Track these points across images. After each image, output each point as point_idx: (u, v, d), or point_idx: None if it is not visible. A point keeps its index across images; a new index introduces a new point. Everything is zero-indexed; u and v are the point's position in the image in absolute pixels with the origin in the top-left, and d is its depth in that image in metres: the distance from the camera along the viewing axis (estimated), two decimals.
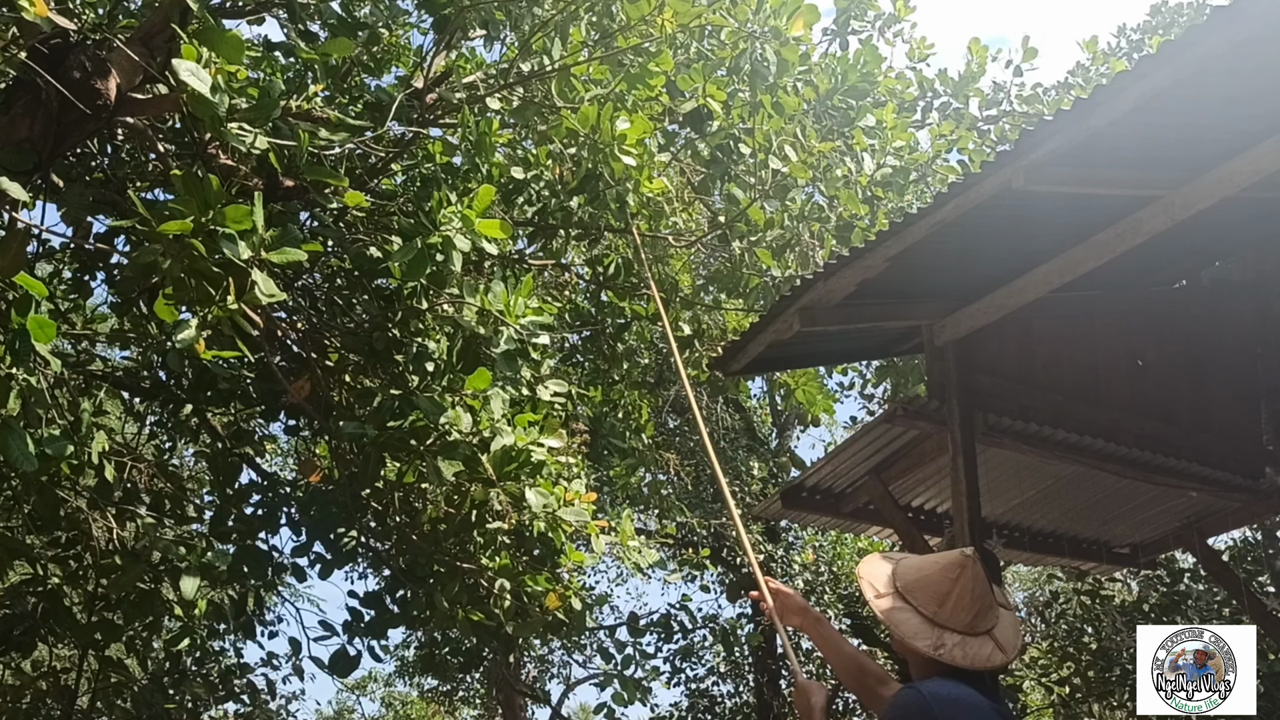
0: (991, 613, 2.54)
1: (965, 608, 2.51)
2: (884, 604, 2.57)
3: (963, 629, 2.50)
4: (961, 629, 2.50)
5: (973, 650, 2.48)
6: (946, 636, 2.48)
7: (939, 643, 2.47)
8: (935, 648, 2.47)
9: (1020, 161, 4.54)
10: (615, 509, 8.41)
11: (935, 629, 2.50)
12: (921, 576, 2.56)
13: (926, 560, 2.64)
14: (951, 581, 2.52)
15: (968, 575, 2.53)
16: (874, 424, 6.67)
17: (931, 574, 2.56)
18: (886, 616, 2.55)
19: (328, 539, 5.06)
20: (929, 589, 2.53)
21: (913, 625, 2.52)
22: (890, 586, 2.59)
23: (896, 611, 2.55)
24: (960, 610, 2.50)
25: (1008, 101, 8.64)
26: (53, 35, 3.78)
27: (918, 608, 2.53)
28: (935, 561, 2.60)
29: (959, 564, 2.55)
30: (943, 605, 2.50)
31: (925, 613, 2.52)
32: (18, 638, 5.07)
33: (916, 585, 2.55)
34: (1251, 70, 4.16)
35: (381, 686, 22.59)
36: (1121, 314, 6.89)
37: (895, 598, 2.58)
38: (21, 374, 3.27)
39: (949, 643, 2.48)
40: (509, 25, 4.78)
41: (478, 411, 4.22)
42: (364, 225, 4.98)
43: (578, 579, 5.06)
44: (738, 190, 5.61)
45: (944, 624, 2.50)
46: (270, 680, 6.28)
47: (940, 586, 2.53)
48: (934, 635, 2.49)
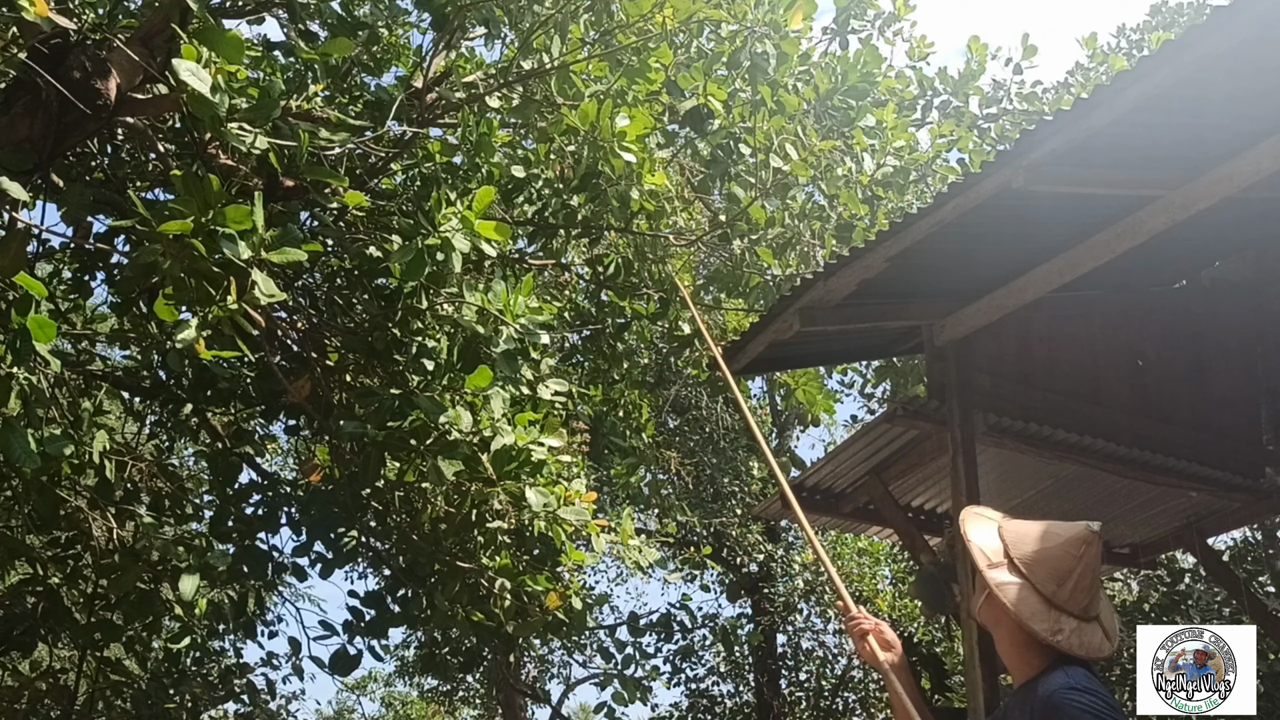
0: (1100, 596, 2.33)
1: (1084, 590, 2.28)
2: (998, 576, 2.31)
3: (1079, 613, 2.27)
4: (1078, 613, 2.27)
5: (1087, 638, 2.27)
6: (1064, 621, 2.26)
7: (1056, 627, 2.25)
8: (1053, 633, 2.24)
9: (1020, 161, 4.54)
10: (615, 509, 8.41)
11: (1053, 611, 2.26)
12: (1042, 550, 2.31)
13: (1045, 531, 2.38)
14: (1075, 560, 2.29)
15: (1091, 553, 2.30)
16: (874, 424, 6.67)
17: (1053, 550, 2.31)
18: (1001, 592, 2.29)
19: (328, 539, 5.06)
20: (1050, 566, 2.29)
21: (1031, 605, 2.26)
22: (1004, 556, 2.34)
23: (1012, 587, 2.29)
24: (1079, 593, 2.28)
25: (1008, 100, 8.64)
26: (53, 35, 3.78)
27: (1036, 585, 2.28)
28: (1057, 534, 2.35)
29: (1084, 540, 2.31)
30: (1062, 585, 2.27)
31: (1044, 592, 2.27)
32: (17, 638, 5.07)
33: (1036, 561, 2.30)
34: (1251, 70, 4.16)
35: (381, 686, 22.61)
36: (1121, 314, 6.89)
37: (1011, 570, 2.32)
38: (22, 374, 3.27)
39: (1066, 628, 2.25)
40: (509, 24, 4.78)
41: (478, 411, 4.21)
42: (364, 225, 4.98)
43: (578, 578, 5.06)
44: (738, 189, 5.61)
45: (1062, 606, 2.27)
46: (270, 680, 6.27)
47: (1063, 564, 2.28)
48: (1051, 619, 2.26)
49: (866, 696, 15.21)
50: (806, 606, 15.12)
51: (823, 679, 15.27)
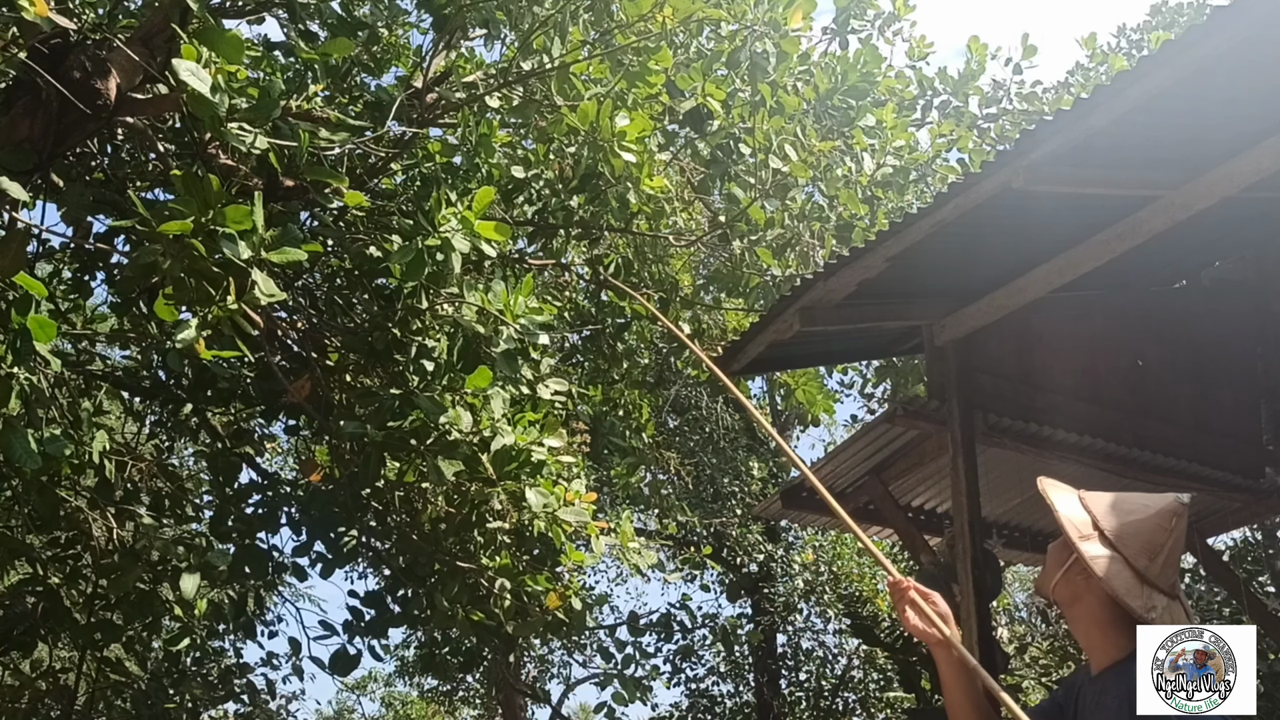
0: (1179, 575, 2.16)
1: (1173, 566, 2.15)
2: (1091, 549, 2.16)
3: (1168, 590, 2.13)
4: (1167, 590, 2.13)
5: (1177, 616, 2.11)
6: (1156, 598, 2.10)
7: (1150, 604, 2.09)
8: (1147, 609, 2.08)
9: (1020, 161, 4.54)
10: (615, 509, 8.41)
11: (1145, 587, 2.11)
12: (1132, 523, 2.17)
13: (1132, 502, 2.24)
14: (1166, 532, 2.15)
15: (1181, 527, 2.17)
16: (874, 424, 6.67)
17: (1144, 521, 2.17)
18: (1094, 565, 2.13)
19: (328, 538, 5.06)
20: (1141, 539, 2.14)
21: (1125, 580, 2.11)
22: (1093, 528, 2.19)
23: (1104, 561, 2.13)
24: (1169, 568, 2.14)
25: (1008, 100, 8.64)
26: (53, 35, 3.78)
27: (1129, 559, 2.13)
28: (1145, 506, 2.21)
29: (1174, 512, 2.18)
30: (1154, 560, 2.12)
31: (1136, 566, 2.12)
32: (17, 638, 5.07)
33: (1127, 533, 2.15)
34: (1251, 70, 4.16)
35: (381, 686, 22.63)
36: (1121, 314, 6.89)
37: (1102, 542, 2.16)
38: (22, 374, 3.27)
39: (1159, 605, 2.10)
40: (509, 24, 4.78)
41: (478, 411, 4.21)
42: (364, 225, 4.98)
43: (578, 579, 5.06)
44: (738, 190, 5.61)
45: (1153, 582, 2.12)
46: (270, 680, 6.28)
47: (1155, 537, 2.14)
48: (1145, 595, 2.10)
49: (866, 696, 15.21)
50: (806, 606, 15.13)
51: (823, 679, 15.27)
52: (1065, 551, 2.24)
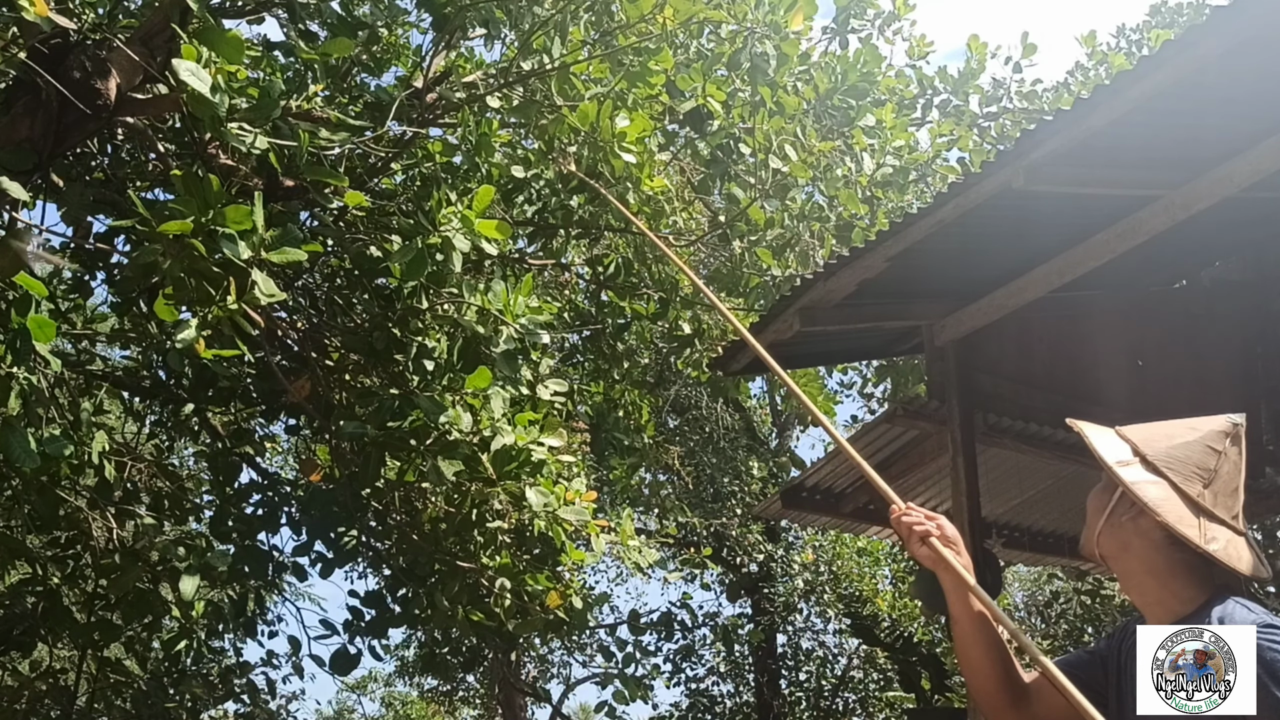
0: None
1: (1233, 494, 1.88)
2: (1131, 474, 1.87)
3: (1230, 521, 1.85)
4: (1229, 521, 1.85)
5: (1241, 552, 1.84)
6: (1214, 529, 1.83)
7: (1209, 535, 1.81)
8: (1207, 540, 1.81)
9: (1020, 161, 4.53)
10: (615, 509, 8.41)
11: (1200, 517, 1.83)
12: (1178, 445, 1.91)
13: (1175, 426, 1.97)
14: (1217, 455, 1.89)
15: (1235, 450, 1.92)
16: (874, 424, 6.67)
17: (1192, 444, 1.90)
18: (1138, 492, 1.84)
19: (328, 538, 5.06)
20: (1189, 461, 1.88)
21: (1177, 508, 1.82)
22: (1134, 454, 1.92)
23: (1151, 486, 1.84)
24: (1228, 495, 1.87)
25: (1008, 98, 8.64)
26: (53, 35, 3.78)
27: (1178, 484, 1.85)
28: (1192, 429, 1.94)
29: (1225, 432, 1.92)
30: (1208, 485, 1.86)
31: (1189, 492, 1.84)
32: (17, 638, 5.07)
33: (1172, 456, 1.89)
34: (1251, 70, 4.16)
35: (382, 686, 22.62)
36: (1121, 314, 6.89)
37: (1146, 468, 1.88)
38: (22, 374, 3.27)
39: (1221, 537, 1.82)
40: (509, 24, 4.78)
41: (478, 411, 4.21)
42: (364, 225, 4.98)
43: (578, 578, 5.06)
44: (738, 190, 5.61)
45: (1209, 510, 1.84)
46: (270, 680, 6.28)
47: (1204, 460, 1.88)
48: (1199, 524, 1.82)
49: (866, 696, 15.22)
50: (806, 606, 15.14)
51: (823, 679, 15.28)
52: (1106, 495, 1.97)
